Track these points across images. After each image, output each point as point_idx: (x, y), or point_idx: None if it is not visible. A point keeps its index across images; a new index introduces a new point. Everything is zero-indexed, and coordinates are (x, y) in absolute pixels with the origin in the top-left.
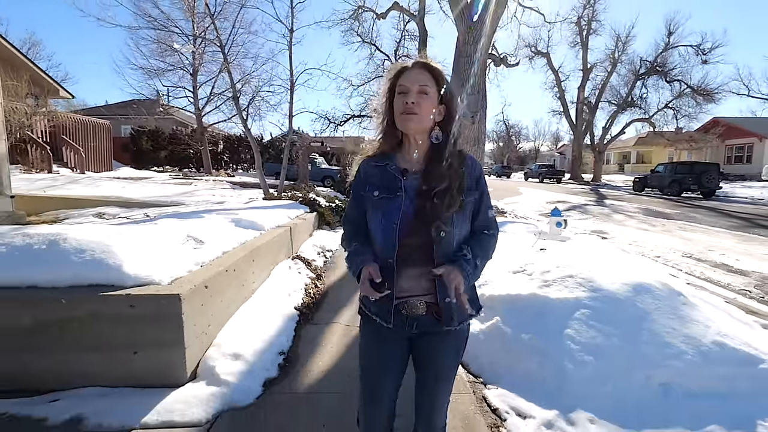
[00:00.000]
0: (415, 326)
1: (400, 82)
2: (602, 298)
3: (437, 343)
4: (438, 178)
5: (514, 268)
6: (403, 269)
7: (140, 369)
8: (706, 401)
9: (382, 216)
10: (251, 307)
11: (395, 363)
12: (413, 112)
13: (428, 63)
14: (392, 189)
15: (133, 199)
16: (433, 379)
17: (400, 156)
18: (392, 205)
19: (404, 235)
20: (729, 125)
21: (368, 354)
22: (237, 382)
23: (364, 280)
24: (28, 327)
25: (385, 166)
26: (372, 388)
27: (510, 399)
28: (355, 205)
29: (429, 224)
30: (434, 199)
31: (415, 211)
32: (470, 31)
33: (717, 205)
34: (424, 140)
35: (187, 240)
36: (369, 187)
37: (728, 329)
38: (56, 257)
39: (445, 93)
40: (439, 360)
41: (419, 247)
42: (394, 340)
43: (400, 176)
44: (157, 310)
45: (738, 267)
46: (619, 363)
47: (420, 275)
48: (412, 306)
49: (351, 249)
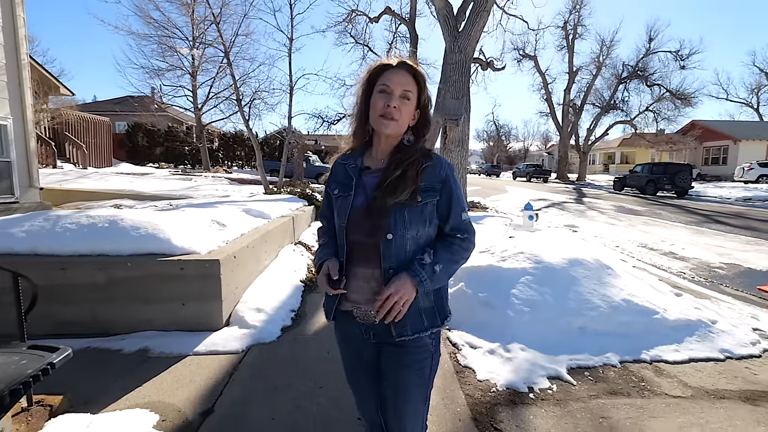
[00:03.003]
0: (372, 335)
1: (383, 81)
2: (543, 268)
3: (397, 356)
4: (395, 177)
5: (481, 249)
6: (351, 269)
7: (187, 317)
8: (610, 338)
9: (337, 215)
10: (266, 278)
11: (366, 365)
12: (393, 118)
13: (413, 66)
14: (347, 187)
15: (144, 193)
16: (393, 398)
17: (367, 153)
18: (344, 203)
19: (352, 233)
20: (706, 128)
21: (342, 355)
22: (262, 326)
23: (322, 275)
24: (102, 284)
25: (347, 165)
26: (355, 389)
27: (466, 337)
28: (326, 202)
29: (378, 221)
30: (387, 199)
31: (365, 210)
32: (456, 40)
33: (686, 203)
34: (395, 140)
35: (212, 223)
36: (333, 185)
37: (639, 292)
38: (118, 233)
39: (424, 99)
40: (399, 377)
41: (368, 247)
42: (361, 344)
43: (355, 174)
44: (202, 271)
45: (682, 254)
46: (549, 313)
47: (369, 277)
48: (365, 314)
49: (320, 243)
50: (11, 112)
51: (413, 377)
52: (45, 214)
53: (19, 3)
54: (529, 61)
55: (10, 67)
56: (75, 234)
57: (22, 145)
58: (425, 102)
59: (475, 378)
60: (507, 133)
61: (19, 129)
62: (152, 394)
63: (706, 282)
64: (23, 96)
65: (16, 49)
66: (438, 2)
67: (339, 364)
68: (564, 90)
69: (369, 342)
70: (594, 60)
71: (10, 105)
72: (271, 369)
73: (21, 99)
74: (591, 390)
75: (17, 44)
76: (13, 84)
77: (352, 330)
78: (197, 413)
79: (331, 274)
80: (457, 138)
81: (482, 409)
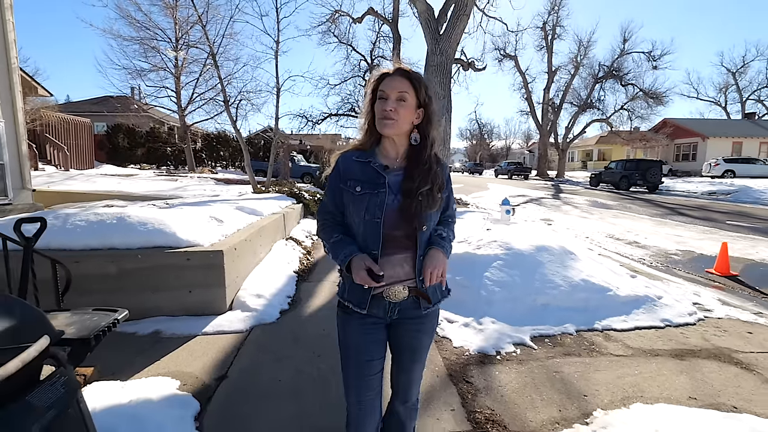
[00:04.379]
0: (397, 312)
1: (381, 88)
2: (513, 254)
3: (416, 326)
4: (421, 180)
5: (459, 239)
6: (386, 258)
7: (193, 303)
8: (569, 312)
9: (365, 211)
10: (262, 269)
11: (380, 349)
12: (391, 118)
13: (407, 70)
14: (376, 185)
15: (133, 193)
16: (410, 360)
17: (379, 152)
18: (375, 200)
19: (387, 228)
20: (677, 126)
21: (353, 346)
22: (262, 310)
23: (360, 270)
24: (114, 275)
25: (368, 162)
26: (363, 375)
27: (444, 314)
28: (332, 197)
29: (412, 219)
30: (419, 199)
31: (400, 208)
32: (437, 43)
33: (655, 197)
34: (403, 142)
35: (210, 220)
36: (350, 183)
37: (597, 274)
38: (126, 228)
39: (423, 97)
40: (417, 342)
41: (401, 237)
42: (376, 329)
43: (383, 172)
44: (206, 262)
45: (644, 243)
46: (517, 292)
47: (402, 261)
48: (396, 291)
49: (334, 239)
50: (3, 115)
51: (427, 341)
52: (54, 213)
53: (8, 7)
54: (510, 61)
55: (0, 71)
56: (85, 230)
57: (14, 147)
58: (425, 100)
59: (452, 345)
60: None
61: (11, 132)
62: (170, 365)
63: (662, 266)
64: (14, 99)
65: (6, 53)
66: (420, 5)
67: (336, 339)
68: (543, 89)
69: (385, 321)
70: (572, 60)
71: (2, 108)
72: (274, 344)
73: (12, 102)
74: (549, 352)
75: (7, 48)
76: (3, 87)
77: (377, 313)
78: (213, 378)
79: (373, 269)
80: (439, 137)
81: (456, 368)
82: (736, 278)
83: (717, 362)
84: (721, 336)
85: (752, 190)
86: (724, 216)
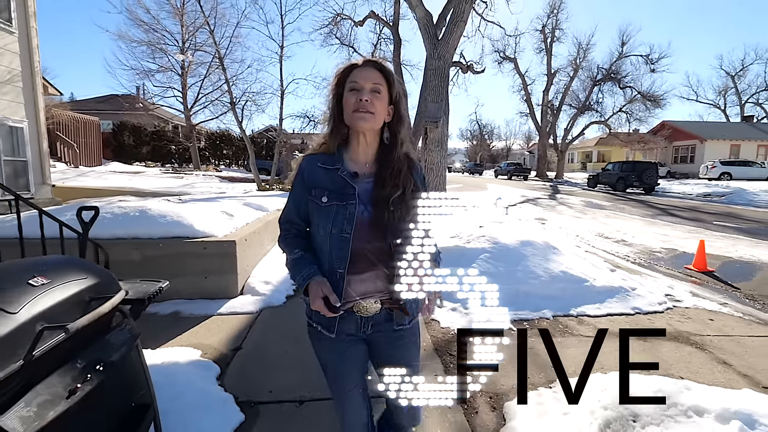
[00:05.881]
0: (370, 327)
1: (352, 79)
2: (499, 247)
3: (395, 341)
4: (393, 186)
5: (452, 234)
6: (355, 276)
7: (209, 287)
8: (547, 300)
9: (332, 224)
10: (269, 259)
11: (357, 368)
12: (368, 111)
13: (379, 62)
14: (344, 195)
15: (144, 190)
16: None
17: (347, 156)
18: (344, 213)
19: (357, 243)
20: (675, 128)
21: (329, 365)
22: (270, 294)
23: (316, 298)
24: (137, 262)
25: (336, 170)
26: (345, 391)
27: None
28: (296, 205)
29: (384, 232)
30: (391, 209)
31: (371, 220)
32: (435, 48)
33: (650, 199)
34: (374, 140)
35: (222, 214)
36: (315, 192)
37: (577, 267)
38: (148, 220)
39: (395, 93)
40: (398, 358)
41: (372, 252)
42: (352, 346)
43: (352, 182)
44: (221, 250)
45: (631, 242)
46: (501, 281)
47: (374, 278)
48: (367, 306)
49: (294, 255)
50: (26, 115)
51: (408, 354)
52: (80, 206)
53: (32, 14)
54: (510, 63)
55: (25, 74)
56: (112, 221)
57: (36, 145)
58: (397, 98)
59: (439, 326)
60: (490, 132)
61: (33, 131)
62: (191, 339)
63: (644, 263)
64: (36, 100)
65: (30, 58)
66: (419, 12)
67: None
68: (543, 91)
69: (361, 337)
70: (571, 62)
71: (25, 109)
72: (281, 323)
73: (35, 103)
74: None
75: (31, 52)
76: (27, 90)
77: (348, 329)
78: (229, 349)
79: (330, 299)
80: (437, 139)
81: (442, 344)
82: (712, 274)
83: (675, 343)
84: (685, 322)
85: (746, 193)
86: (712, 217)
